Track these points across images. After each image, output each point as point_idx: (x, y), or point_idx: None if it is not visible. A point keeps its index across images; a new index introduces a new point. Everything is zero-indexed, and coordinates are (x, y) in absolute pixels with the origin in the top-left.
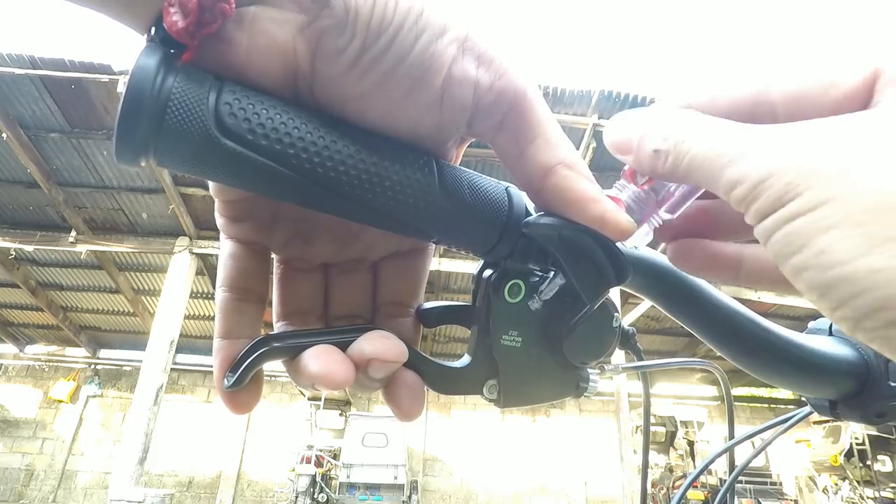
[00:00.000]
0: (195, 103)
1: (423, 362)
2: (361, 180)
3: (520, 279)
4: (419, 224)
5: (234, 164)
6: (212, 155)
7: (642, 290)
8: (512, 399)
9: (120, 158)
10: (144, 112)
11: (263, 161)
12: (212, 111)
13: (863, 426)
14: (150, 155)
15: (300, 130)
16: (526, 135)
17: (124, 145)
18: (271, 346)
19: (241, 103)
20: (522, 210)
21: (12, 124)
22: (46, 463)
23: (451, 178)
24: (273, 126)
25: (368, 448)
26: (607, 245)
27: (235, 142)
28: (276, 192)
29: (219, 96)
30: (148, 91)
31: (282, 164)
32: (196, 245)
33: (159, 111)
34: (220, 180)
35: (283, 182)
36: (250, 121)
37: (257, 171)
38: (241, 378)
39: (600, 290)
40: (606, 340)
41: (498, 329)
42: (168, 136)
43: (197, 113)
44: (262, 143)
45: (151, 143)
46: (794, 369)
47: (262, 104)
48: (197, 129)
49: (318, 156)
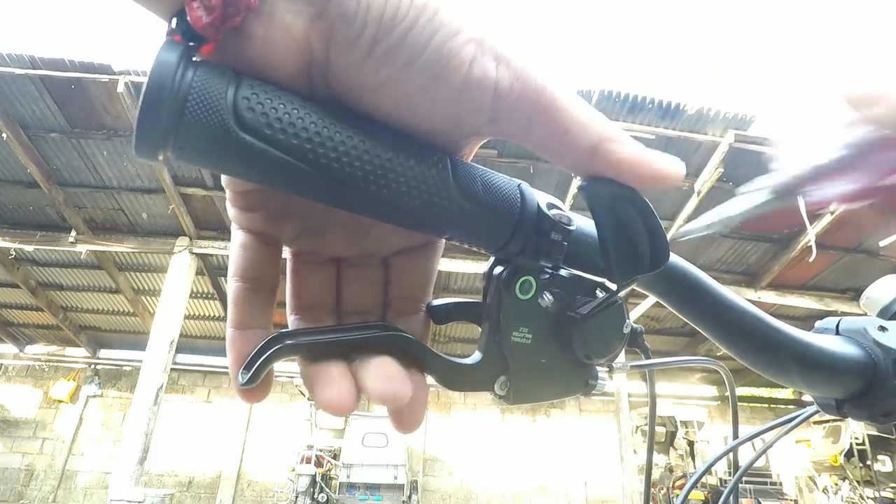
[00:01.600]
0: (214, 98)
1: (434, 359)
2: (377, 175)
3: (531, 276)
4: (433, 220)
5: (252, 159)
6: (230, 149)
7: (648, 287)
8: (522, 396)
9: (139, 152)
10: (165, 106)
11: (280, 155)
12: (230, 106)
13: (863, 426)
14: (169, 149)
15: (317, 125)
16: (558, 127)
17: (144, 139)
18: (284, 344)
19: (259, 97)
20: (535, 207)
21: (12, 124)
22: (46, 463)
23: (465, 174)
24: (290, 121)
25: (368, 448)
26: (655, 226)
27: (253, 136)
28: (292, 187)
29: (237, 91)
30: (168, 85)
31: (298, 159)
32: (196, 245)
33: (179, 105)
34: (237, 174)
35: (299, 176)
36: (268, 115)
37: (274, 165)
38: (256, 376)
39: (632, 274)
40: (616, 338)
41: (509, 326)
42: (187, 131)
43: (216, 107)
44: (279, 138)
45: (171, 137)
46: (801, 368)
47: (279, 98)
48: (216, 123)
49: (335, 150)
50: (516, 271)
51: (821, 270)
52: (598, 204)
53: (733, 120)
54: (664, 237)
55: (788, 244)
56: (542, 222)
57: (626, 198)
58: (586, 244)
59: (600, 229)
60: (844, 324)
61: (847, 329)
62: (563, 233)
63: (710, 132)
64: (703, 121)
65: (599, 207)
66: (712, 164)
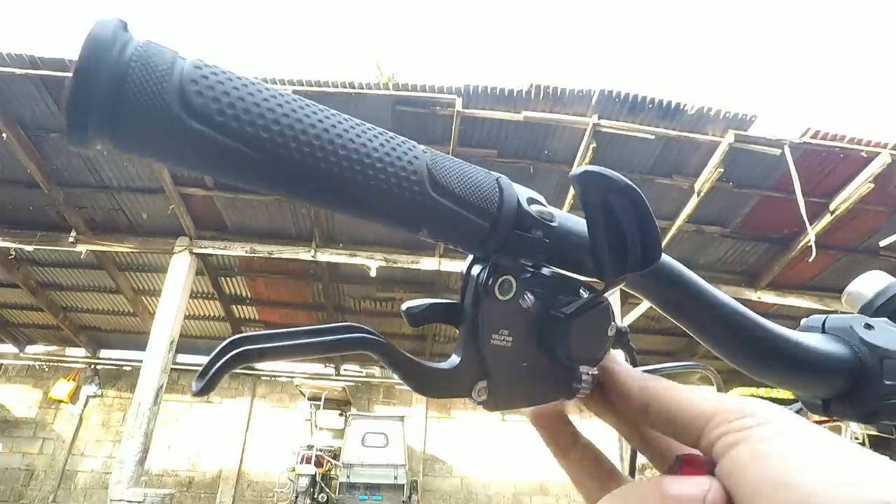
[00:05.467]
0: (158, 80)
1: (405, 363)
2: (342, 168)
3: (510, 275)
4: (405, 217)
5: (201, 148)
6: (175, 137)
7: (634, 286)
8: (503, 401)
9: (72, 140)
10: (100, 88)
11: (234, 144)
12: (176, 89)
13: (862, 426)
14: (107, 136)
15: (275, 112)
16: None
17: (77, 125)
18: (241, 350)
19: (209, 80)
20: (514, 202)
21: (12, 124)
22: (46, 463)
23: (441, 168)
24: (245, 107)
25: (368, 448)
26: (648, 222)
27: (203, 123)
28: (246, 179)
29: (183, 72)
30: (104, 64)
31: (254, 149)
32: (196, 245)
33: (116, 87)
34: (183, 164)
35: (254, 167)
36: (219, 101)
37: (226, 155)
38: (211, 384)
39: (622, 272)
40: (601, 340)
41: (488, 328)
42: (126, 117)
43: (159, 91)
44: (232, 126)
45: (107, 123)
46: (785, 366)
47: (231, 82)
48: (159, 108)
49: (295, 140)
50: (495, 270)
51: (821, 270)
52: (590, 196)
53: (733, 120)
54: (657, 234)
55: (788, 244)
56: (523, 218)
57: (621, 190)
58: (570, 241)
59: (591, 223)
60: (831, 321)
61: (833, 327)
62: (545, 229)
63: (710, 132)
64: (703, 121)
65: (592, 199)
66: (712, 164)
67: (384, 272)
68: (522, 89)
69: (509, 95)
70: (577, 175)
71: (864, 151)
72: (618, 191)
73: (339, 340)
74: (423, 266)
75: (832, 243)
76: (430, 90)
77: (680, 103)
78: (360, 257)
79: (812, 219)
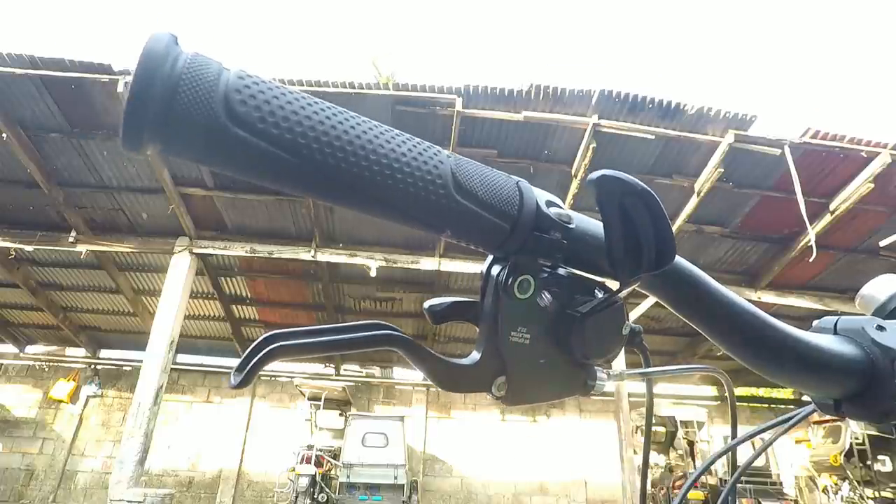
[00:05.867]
0: (205, 91)
1: (430, 359)
2: (373, 172)
3: (529, 275)
4: (431, 219)
5: (243, 154)
6: (220, 143)
7: (649, 287)
8: (520, 396)
9: (126, 145)
10: (154, 98)
11: (274, 150)
12: (221, 99)
13: (862, 426)
14: (158, 142)
15: (311, 120)
16: None
17: (132, 131)
18: (277, 345)
19: (252, 90)
20: (533, 205)
21: (12, 124)
22: (46, 463)
23: (464, 172)
24: (284, 115)
25: (368, 448)
26: (663, 224)
27: (246, 130)
28: (283, 182)
29: (229, 83)
30: (158, 77)
31: (292, 154)
32: (196, 245)
33: (168, 98)
34: (225, 168)
35: (292, 172)
36: (261, 109)
37: (266, 160)
38: (248, 378)
39: (636, 272)
40: (616, 339)
41: (507, 326)
42: (177, 124)
43: (207, 101)
44: (273, 133)
45: (159, 130)
46: (798, 367)
47: (272, 91)
48: (207, 117)
49: (330, 146)
50: (514, 270)
51: (821, 270)
52: (607, 199)
53: (733, 120)
54: (671, 236)
55: (788, 244)
56: (541, 220)
57: (637, 193)
58: (586, 243)
59: (607, 225)
60: (842, 323)
61: (845, 328)
62: (563, 231)
63: (710, 132)
64: (703, 121)
65: (608, 202)
66: (712, 164)
67: (384, 272)
68: (522, 89)
69: (509, 95)
70: (594, 179)
71: (864, 151)
72: (634, 194)
73: (368, 337)
74: (423, 266)
75: (832, 243)
76: (430, 90)
77: (680, 103)
78: (360, 257)
79: (812, 219)
